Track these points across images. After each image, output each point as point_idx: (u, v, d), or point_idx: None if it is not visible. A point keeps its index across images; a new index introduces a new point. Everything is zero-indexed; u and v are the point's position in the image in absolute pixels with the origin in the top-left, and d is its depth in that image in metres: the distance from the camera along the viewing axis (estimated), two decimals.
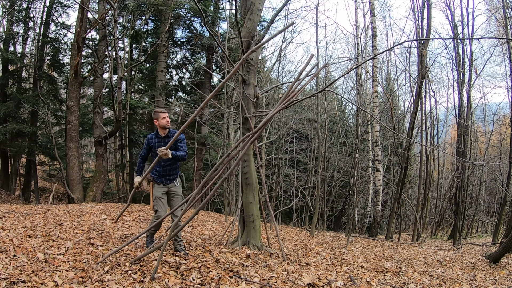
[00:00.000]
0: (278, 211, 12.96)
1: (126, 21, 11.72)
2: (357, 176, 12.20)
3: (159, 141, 4.18)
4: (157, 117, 4.15)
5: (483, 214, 18.01)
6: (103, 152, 10.35)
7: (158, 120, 4.15)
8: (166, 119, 4.15)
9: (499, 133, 16.87)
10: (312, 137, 14.39)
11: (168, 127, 4.20)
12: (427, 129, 13.70)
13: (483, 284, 4.34)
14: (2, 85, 11.59)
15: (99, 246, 4.15)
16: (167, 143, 4.10)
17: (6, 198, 10.74)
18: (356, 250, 7.47)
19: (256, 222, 5.07)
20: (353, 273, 4.30)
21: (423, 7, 10.47)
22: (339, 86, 20.11)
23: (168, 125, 4.18)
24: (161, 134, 4.21)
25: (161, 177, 4.21)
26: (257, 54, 5.34)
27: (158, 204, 4.16)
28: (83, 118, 12.60)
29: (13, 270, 2.95)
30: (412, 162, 17.06)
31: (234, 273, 3.58)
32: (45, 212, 6.11)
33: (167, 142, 4.12)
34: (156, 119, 4.15)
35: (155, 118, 4.17)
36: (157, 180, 4.22)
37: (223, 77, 11.45)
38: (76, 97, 9.92)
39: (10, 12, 11.08)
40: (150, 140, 4.25)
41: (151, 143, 4.24)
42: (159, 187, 4.22)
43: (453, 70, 13.81)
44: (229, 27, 11.82)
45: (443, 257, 7.10)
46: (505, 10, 10.97)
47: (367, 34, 14.46)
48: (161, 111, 4.17)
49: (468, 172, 12.34)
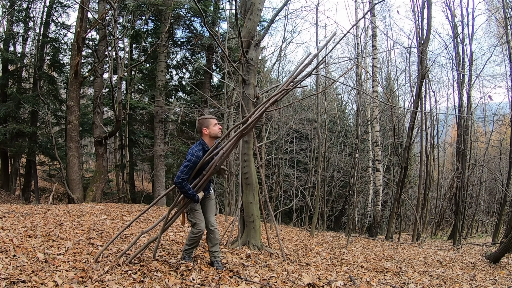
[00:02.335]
0: (278, 211, 12.95)
1: (126, 21, 11.72)
2: (357, 176, 12.19)
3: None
4: (207, 125, 3.45)
5: (483, 214, 18.01)
6: (103, 152, 10.35)
7: (208, 128, 3.46)
8: (219, 126, 3.50)
9: (499, 133, 16.87)
10: (312, 137, 14.39)
11: (220, 136, 3.54)
12: (427, 129, 13.70)
13: (483, 284, 4.34)
14: (2, 85, 11.59)
15: (99, 246, 4.15)
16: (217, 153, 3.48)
17: (6, 198, 10.74)
18: (356, 250, 7.47)
19: (256, 222, 5.07)
20: (353, 273, 4.30)
21: (423, 7, 10.46)
22: (339, 86, 20.13)
23: (220, 133, 3.52)
24: (210, 146, 3.47)
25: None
26: (257, 54, 5.34)
27: (196, 216, 3.52)
28: (83, 118, 12.61)
29: (13, 270, 2.95)
30: (412, 162, 17.06)
31: (234, 273, 3.57)
32: (45, 212, 6.11)
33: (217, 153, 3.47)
34: (206, 127, 3.46)
35: (204, 126, 3.46)
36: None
37: (223, 77, 11.45)
38: (76, 97, 9.93)
39: (10, 12, 11.08)
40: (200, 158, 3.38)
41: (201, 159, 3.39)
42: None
43: (453, 70, 13.82)
44: (229, 27, 11.82)
45: (443, 257, 7.10)
46: (505, 10, 10.97)
47: (367, 34, 14.48)
48: (211, 117, 3.51)
49: (468, 172, 12.34)
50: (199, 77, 13.65)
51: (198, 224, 3.51)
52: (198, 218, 3.51)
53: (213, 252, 3.68)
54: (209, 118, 3.51)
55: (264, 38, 6.87)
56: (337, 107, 15.89)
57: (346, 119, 19.43)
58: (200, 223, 3.52)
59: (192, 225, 3.54)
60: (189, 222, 3.59)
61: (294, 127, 14.96)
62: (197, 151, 3.39)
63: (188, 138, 12.57)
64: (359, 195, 14.56)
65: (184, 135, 12.90)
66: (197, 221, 3.51)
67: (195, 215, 3.51)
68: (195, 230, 3.52)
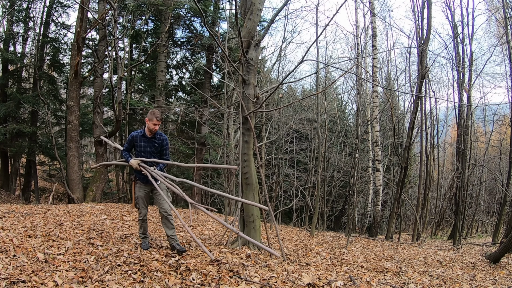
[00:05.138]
0: (278, 211, 12.95)
1: (126, 21, 11.72)
2: (357, 176, 12.19)
3: (145, 141, 4.19)
4: (150, 118, 4.08)
5: (483, 214, 18.00)
6: (103, 152, 10.35)
7: (149, 122, 4.10)
8: (157, 127, 4.12)
9: (499, 133, 16.87)
10: (312, 137, 14.39)
11: (154, 132, 4.17)
12: (427, 129, 13.70)
13: (483, 284, 4.34)
14: (2, 85, 11.58)
15: (99, 246, 4.15)
16: (153, 144, 4.20)
17: (6, 198, 10.73)
18: (356, 250, 7.47)
19: (256, 222, 5.07)
20: (353, 273, 4.30)
21: (423, 7, 10.46)
22: (339, 86, 20.13)
23: (154, 131, 4.15)
24: (148, 134, 4.19)
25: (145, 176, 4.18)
26: (257, 54, 5.34)
27: (139, 203, 4.24)
28: (83, 118, 12.60)
29: (13, 270, 2.95)
30: (412, 162, 17.06)
31: (234, 273, 3.57)
32: (45, 212, 6.10)
33: (153, 143, 4.20)
34: (149, 120, 4.09)
35: (148, 118, 4.10)
36: (141, 180, 4.24)
37: (223, 77, 11.44)
38: (76, 97, 9.92)
39: (10, 12, 11.08)
40: (135, 138, 4.24)
41: (136, 141, 4.24)
42: (141, 186, 4.26)
43: (453, 70, 13.82)
44: (229, 27, 11.81)
45: (443, 257, 7.10)
46: (505, 10, 10.97)
47: (367, 34, 14.48)
48: (157, 117, 4.08)
49: (468, 172, 12.34)
50: (199, 77, 13.64)
51: (140, 210, 4.26)
52: (141, 205, 4.25)
53: (170, 237, 4.25)
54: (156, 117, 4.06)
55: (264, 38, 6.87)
56: (337, 107, 15.90)
57: (346, 119, 19.43)
58: (142, 209, 4.25)
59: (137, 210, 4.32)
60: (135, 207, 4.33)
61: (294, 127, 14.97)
62: (135, 135, 4.25)
63: (188, 138, 12.57)
64: (359, 195, 14.56)
65: (184, 135, 12.90)
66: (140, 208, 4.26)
67: (139, 202, 4.26)
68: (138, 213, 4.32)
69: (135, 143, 4.27)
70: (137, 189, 4.28)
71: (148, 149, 4.23)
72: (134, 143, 4.29)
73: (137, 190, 4.28)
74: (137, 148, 4.26)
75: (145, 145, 4.21)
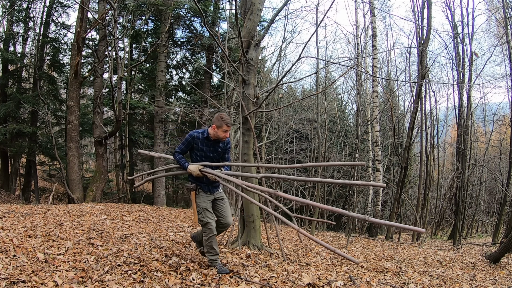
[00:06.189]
0: (278, 211, 12.94)
1: (126, 21, 11.72)
2: (357, 176, 12.20)
3: (208, 145, 3.60)
4: (219, 125, 3.49)
5: (483, 214, 18.01)
6: (103, 152, 10.35)
7: (217, 129, 3.50)
8: (227, 135, 3.57)
9: (499, 133, 16.87)
10: (312, 137, 14.40)
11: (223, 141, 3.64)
12: (427, 129, 13.70)
13: (483, 284, 4.34)
14: (2, 85, 11.59)
15: (99, 246, 4.15)
16: (216, 149, 3.63)
17: (6, 198, 10.74)
18: (356, 250, 7.47)
19: (256, 222, 5.07)
20: (353, 273, 4.30)
21: (423, 7, 10.46)
22: (339, 86, 20.13)
23: (224, 140, 3.62)
24: (212, 138, 3.59)
25: (207, 184, 3.63)
26: (257, 54, 5.34)
27: (207, 215, 3.57)
28: (83, 118, 12.61)
29: (13, 270, 2.95)
30: (412, 162, 17.06)
31: (234, 273, 3.57)
32: (45, 212, 6.10)
33: (216, 149, 3.63)
34: (218, 127, 3.50)
35: (216, 125, 3.50)
36: (203, 188, 3.63)
37: (223, 77, 11.45)
38: (76, 97, 9.93)
39: (10, 12, 11.08)
40: (196, 140, 3.57)
41: (197, 143, 3.59)
42: (205, 196, 3.64)
43: (453, 70, 13.82)
44: (229, 27, 11.82)
45: (443, 257, 7.10)
46: (505, 10, 10.97)
47: (367, 34, 14.48)
48: (228, 123, 3.50)
49: (468, 172, 12.34)
50: (199, 77, 13.65)
51: (208, 225, 3.55)
52: (209, 218, 3.56)
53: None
54: (226, 123, 3.49)
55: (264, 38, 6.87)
56: (337, 107, 15.90)
57: (346, 119, 19.44)
58: (211, 222, 3.56)
59: (203, 225, 3.57)
60: (199, 222, 3.61)
61: (294, 127, 14.98)
62: (196, 136, 3.57)
63: None
64: (359, 195, 14.56)
65: (184, 135, 12.90)
66: (208, 221, 3.55)
67: (206, 214, 3.56)
68: (206, 229, 3.56)
69: (194, 145, 3.59)
70: (199, 200, 3.60)
71: (210, 154, 3.63)
72: (193, 146, 3.60)
73: (199, 201, 3.59)
74: (196, 151, 3.61)
75: (207, 149, 3.60)
